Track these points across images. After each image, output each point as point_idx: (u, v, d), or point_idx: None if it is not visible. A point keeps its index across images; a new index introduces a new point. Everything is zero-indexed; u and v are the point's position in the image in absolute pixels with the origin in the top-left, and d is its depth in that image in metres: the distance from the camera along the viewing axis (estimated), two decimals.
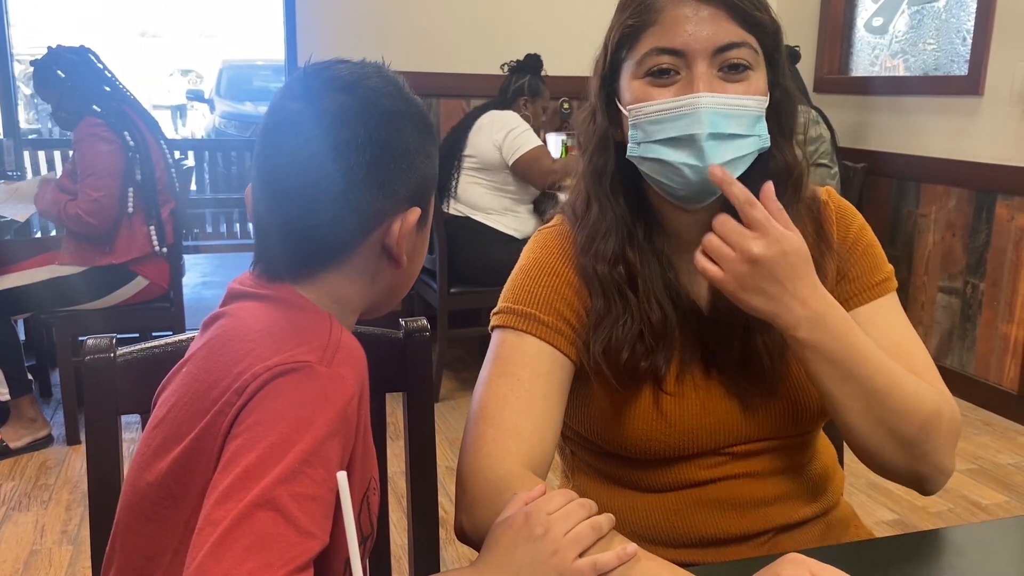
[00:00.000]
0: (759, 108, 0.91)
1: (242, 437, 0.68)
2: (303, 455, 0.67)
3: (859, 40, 4.03)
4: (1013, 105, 3.18)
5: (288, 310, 0.78)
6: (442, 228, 3.19)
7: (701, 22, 0.89)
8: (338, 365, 0.73)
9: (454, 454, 2.88)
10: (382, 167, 0.78)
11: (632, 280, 0.97)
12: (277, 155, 0.79)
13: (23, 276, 2.82)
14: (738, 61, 0.90)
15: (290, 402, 0.69)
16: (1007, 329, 3.26)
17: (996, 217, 3.28)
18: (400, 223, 0.80)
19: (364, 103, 0.79)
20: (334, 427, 0.70)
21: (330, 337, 0.75)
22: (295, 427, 0.68)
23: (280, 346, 0.73)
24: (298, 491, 0.66)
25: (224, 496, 0.65)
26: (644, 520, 1.03)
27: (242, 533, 0.63)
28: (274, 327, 0.76)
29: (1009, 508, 2.59)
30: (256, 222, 0.83)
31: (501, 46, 3.86)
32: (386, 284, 0.85)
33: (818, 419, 1.02)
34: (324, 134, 0.77)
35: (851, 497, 2.43)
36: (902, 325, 1.01)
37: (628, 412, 0.99)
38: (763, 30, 0.91)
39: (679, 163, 0.90)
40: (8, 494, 2.56)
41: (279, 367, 0.70)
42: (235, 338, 0.75)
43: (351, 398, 0.73)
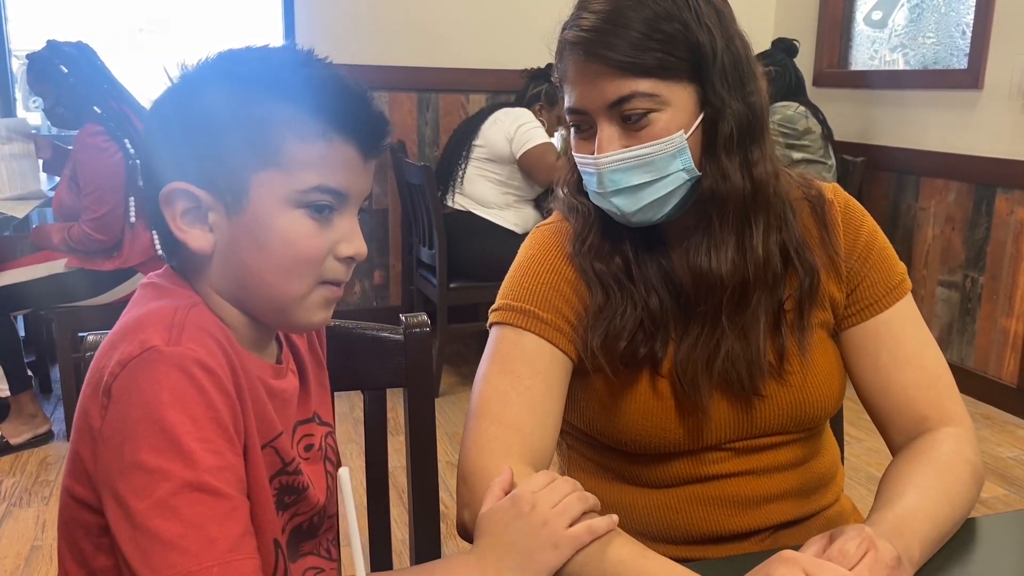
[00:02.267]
0: (669, 148, 0.90)
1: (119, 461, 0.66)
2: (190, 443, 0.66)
3: (858, 34, 4.02)
4: (1012, 99, 3.18)
5: (152, 296, 0.77)
6: (442, 223, 3.19)
7: (589, 81, 0.89)
8: (187, 342, 0.70)
9: (454, 449, 2.88)
10: (163, 139, 0.77)
11: (629, 270, 0.97)
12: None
13: (23, 272, 2.82)
14: (630, 113, 0.89)
15: (146, 397, 0.67)
16: (1006, 323, 3.26)
17: (996, 211, 3.28)
18: (163, 202, 0.76)
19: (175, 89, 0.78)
20: (203, 407, 0.68)
21: (174, 317, 0.72)
22: (162, 426, 0.66)
23: (129, 333, 0.71)
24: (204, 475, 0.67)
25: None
26: (643, 516, 1.03)
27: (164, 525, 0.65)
28: (132, 315, 0.75)
29: (1009, 502, 2.59)
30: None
31: (500, 41, 3.86)
32: (232, 279, 0.78)
33: (823, 416, 1.02)
34: (154, 108, 0.80)
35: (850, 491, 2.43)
36: (917, 332, 1.01)
37: (626, 404, 0.99)
38: (665, 67, 0.88)
39: (607, 210, 0.95)
40: (9, 490, 2.56)
41: (126, 357, 0.68)
42: (111, 335, 0.75)
43: (210, 368, 0.70)
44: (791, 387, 0.99)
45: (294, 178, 0.75)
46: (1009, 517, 0.99)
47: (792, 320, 0.98)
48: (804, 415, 1.00)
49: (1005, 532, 0.94)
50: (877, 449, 2.90)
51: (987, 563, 0.88)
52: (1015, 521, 0.99)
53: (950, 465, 0.92)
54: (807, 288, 0.97)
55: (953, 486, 0.90)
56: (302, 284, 0.77)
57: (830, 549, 0.73)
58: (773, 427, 1.00)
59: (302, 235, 0.76)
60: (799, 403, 0.99)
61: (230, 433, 0.70)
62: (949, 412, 0.98)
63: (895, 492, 0.89)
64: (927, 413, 0.98)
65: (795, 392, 0.99)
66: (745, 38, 0.94)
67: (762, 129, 0.94)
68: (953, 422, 0.97)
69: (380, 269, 4.03)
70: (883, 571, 0.72)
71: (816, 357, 1.00)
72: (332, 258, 0.77)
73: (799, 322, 0.98)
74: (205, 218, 0.76)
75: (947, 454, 0.93)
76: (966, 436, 0.97)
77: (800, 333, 0.98)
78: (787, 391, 0.99)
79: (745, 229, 0.94)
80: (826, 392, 1.00)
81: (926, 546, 0.83)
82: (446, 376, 3.54)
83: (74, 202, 2.81)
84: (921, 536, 0.83)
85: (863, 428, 3.02)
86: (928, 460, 0.93)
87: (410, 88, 3.88)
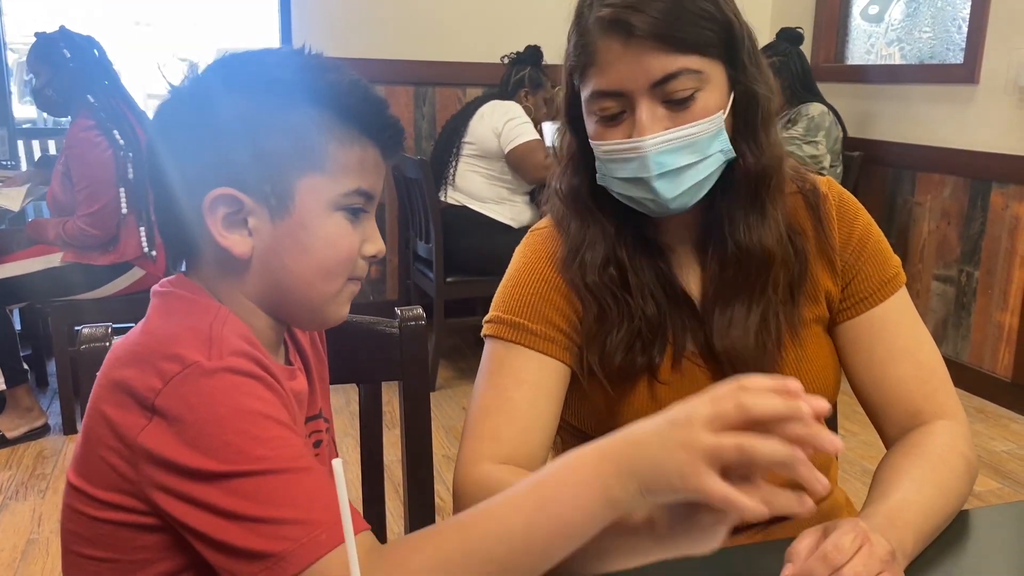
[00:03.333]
0: (712, 128, 0.90)
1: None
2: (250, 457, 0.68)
3: (855, 28, 4.02)
4: (1008, 93, 3.18)
5: (178, 309, 0.77)
6: (438, 217, 3.19)
7: (632, 60, 0.86)
8: (228, 356, 0.71)
9: (450, 443, 2.89)
10: (193, 144, 0.77)
11: (624, 278, 0.97)
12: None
13: (19, 266, 2.81)
14: (677, 92, 0.87)
15: (199, 412, 0.68)
16: (1001, 317, 3.27)
17: (991, 205, 3.29)
18: (206, 203, 0.76)
19: (180, 96, 0.79)
20: (256, 411, 0.70)
21: (211, 332, 0.73)
22: (225, 438, 0.68)
23: (164, 349, 0.71)
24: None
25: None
26: None
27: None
28: (162, 330, 0.74)
29: (1002, 495, 2.60)
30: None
31: (497, 34, 3.85)
32: (267, 283, 0.79)
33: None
34: (162, 114, 0.80)
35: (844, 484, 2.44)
36: (912, 326, 1.02)
37: (623, 409, 0.99)
38: (706, 43, 0.87)
39: (639, 198, 0.92)
40: (5, 483, 2.56)
41: (169, 374, 0.69)
42: (128, 352, 0.73)
43: (257, 375, 0.72)
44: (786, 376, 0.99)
45: (337, 182, 0.77)
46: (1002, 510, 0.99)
47: (783, 306, 0.98)
48: None
49: (998, 525, 0.95)
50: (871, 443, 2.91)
51: (980, 556, 0.88)
52: (1008, 514, 1.00)
53: (944, 458, 0.92)
54: (797, 275, 0.98)
55: (946, 479, 0.90)
56: (338, 283, 0.80)
57: (824, 543, 0.73)
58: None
59: (342, 236, 0.79)
60: None
61: (289, 423, 0.72)
62: (943, 406, 0.98)
63: (889, 485, 0.89)
64: (921, 407, 0.98)
65: None
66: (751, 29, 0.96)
67: (776, 113, 0.96)
68: (947, 416, 0.98)
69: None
70: (877, 565, 0.72)
71: (811, 351, 1.00)
72: (359, 257, 0.81)
73: (791, 311, 0.98)
74: (245, 223, 0.76)
75: (941, 447, 0.94)
76: (960, 430, 0.97)
77: (793, 325, 0.99)
78: None
79: (779, 207, 0.96)
80: (820, 386, 1.00)
81: (919, 539, 0.83)
82: (443, 370, 3.54)
83: (67, 197, 2.80)
84: (915, 529, 0.83)
85: (857, 422, 3.03)
86: (922, 453, 0.93)
87: (406, 82, 3.88)
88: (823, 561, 0.71)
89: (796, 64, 3.43)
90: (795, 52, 3.45)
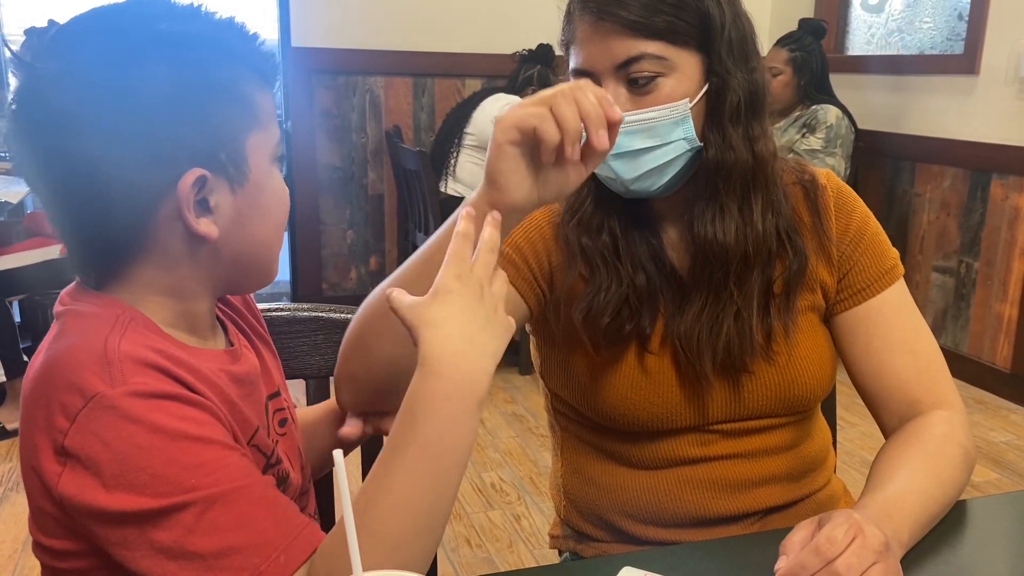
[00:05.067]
0: (673, 115, 0.90)
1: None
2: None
3: (855, 19, 4.01)
4: (1009, 84, 3.17)
5: (73, 329, 0.69)
6: (438, 208, 3.19)
7: (599, 40, 0.89)
8: (131, 376, 0.64)
9: None
10: (132, 131, 0.66)
11: (616, 246, 0.98)
12: (27, 140, 0.68)
13: (18, 258, 2.81)
14: (637, 75, 0.89)
15: (116, 447, 0.63)
16: (1000, 308, 3.27)
17: (991, 196, 3.28)
18: (178, 192, 0.68)
19: (88, 56, 0.66)
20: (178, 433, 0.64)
21: (105, 352, 0.65)
22: (151, 472, 0.63)
23: (60, 379, 0.64)
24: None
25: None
26: (634, 499, 1.04)
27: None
28: (54, 353, 0.67)
29: (1001, 485, 2.61)
30: (52, 226, 0.73)
31: (496, 25, 3.84)
32: (223, 260, 0.73)
33: (811, 399, 1.02)
34: (59, 104, 0.66)
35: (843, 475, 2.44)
36: (909, 317, 1.02)
37: (612, 376, 0.99)
38: (674, 31, 0.88)
39: (603, 176, 0.94)
40: (5, 475, 2.56)
41: (72, 410, 0.63)
42: (39, 385, 0.67)
43: (168, 394, 0.66)
44: (778, 367, 0.99)
45: (270, 133, 0.73)
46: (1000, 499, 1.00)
47: (780, 302, 0.99)
48: (792, 396, 1.00)
49: (997, 515, 0.95)
50: (870, 433, 2.92)
51: (979, 545, 0.88)
52: (1007, 503, 1.00)
53: (941, 448, 0.93)
54: (795, 271, 0.98)
55: (943, 469, 0.91)
56: (283, 237, 0.77)
57: (818, 535, 0.73)
58: (762, 408, 1.00)
59: (284, 188, 0.76)
60: (786, 383, 1.00)
61: (219, 436, 0.67)
62: (941, 396, 0.99)
63: (885, 475, 0.89)
64: (919, 397, 0.98)
65: (782, 372, 0.99)
66: (750, 18, 0.95)
67: (763, 107, 0.95)
68: (945, 406, 0.98)
69: (376, 255, 4.03)
70: (871, 557, 0.73)
71: (802, 339, 1.00)
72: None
73: (786, 304, 0.99)
74: (206, 203, 0.70)
75: (938, 437, 0.94)
76: (958, 420, 0.97)
77: (786, 315, 0.99)
78: (774, 371, 0.99)
79: (745, 203, 0.95)
80: (814, 374, 1.01)
81: (916, 528, 0.84)
82: None
83: None
84: (911, 519, 0.83)
85: (856, 412, 3.03)
86: (919, 443, 0.93)
87: (405, 73, 3.86)
88: (816, 553, 0.72)
89: (817, 62, 3.33)
90: (817, 48, 3.36)
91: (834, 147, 3.25)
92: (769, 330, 0.98)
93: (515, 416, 3.05)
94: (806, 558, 0.72)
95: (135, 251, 0.71)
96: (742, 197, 0.95)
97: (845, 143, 3.29)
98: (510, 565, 2.14)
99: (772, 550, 0.76)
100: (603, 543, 1.08)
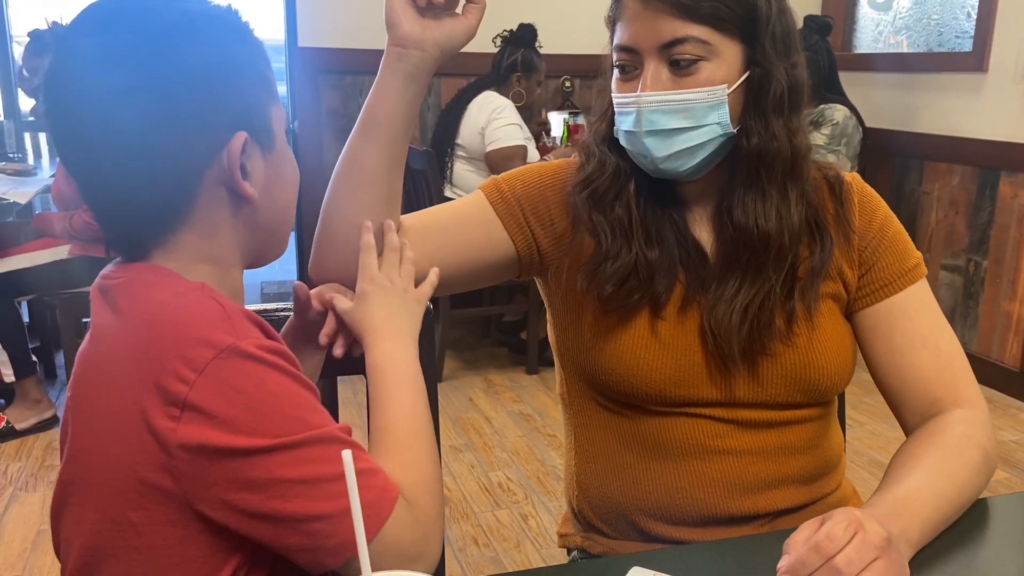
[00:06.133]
0: (710, 99, 0.92)
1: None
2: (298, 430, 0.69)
3: (863, 16, 4.00)
4: (1017, 82, 3.16)
5: (154, 293, 0.72)
6: None
7: (647, 19, 0.92)
8: (247, 332, 0.70)
9: (456, 433, 2.90)
10: (179, 99, 0.69)
11: (629, 220, 1.00)
12: (67, 117, 0.71)
13: (26, 258, 2.83)
14: (680, 57, 0.91)
15: (251, 393, 0.67)
16: (1009, 307, 3.26)
17: (999, 195, 3.27)
18: (226, 156, 0.72)
19: (127, 33, 0.69)
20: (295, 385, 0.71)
21: (223, 309, 0.70)
22: (285, 415, 0.68)
23: (181, 334, 0.67)
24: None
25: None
26: (648, 493, 1.03)
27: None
28: (155, 320, 0.69)
29: (1011, 484, 2.60)
30: (87, 203, 0.76)
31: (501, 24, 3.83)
32: (256, 226, 0.78)
33: (829, 385, 1.01)
34: (101, 79, 0.68)
35: (852, 474, 2.44)
36: (931, 315, 1.02)
37: (623, 335, 1.00)
38: (720, 18, 0.91)
39: (635, 153, 0.97)
40: (15, 475, 2.58)
41: (201, 362, 0.66)
42: (106, 359, 0.70)
43: (283, 352, 0.72)
44: (797, 349, 0.99)
45: (281, 108, 0.79)
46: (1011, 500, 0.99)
47: (804, 284, 0.99)
48: (810, 379, 0.99)
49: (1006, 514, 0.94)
50: (879, 432, 2.91)
51: (988, 544, 0.88)
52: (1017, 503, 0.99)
53: (959, 448, 0.92)
54: (821, 257, 0.99)
55: (960, 469, 0.90)
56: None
57: (817, 533, 0.73)
58: (781, 391, 0.99)
59: (294, 159, 0.82)
60: (804, 365, 0.99)
61: (310, 383, 0.73)
62: (963, 394, 0.98)
63: (900, 474, 0.89)
64: (940, 394, 0.98)
65: (800, 354, 0.99)
66: (793, 16, 0.98)
67: (802, 101, 0.97)
68: (967, 404, 0.97)
69: None
70: (871, 552, 0.72)
71: (823, 323, 1.00)
72: None
73: (810, 287, 0.99)
74: (246, 167, 0.74)
75: (957, 437, 0.93)
76: (979, 419, 0.96)
77: (809, 298, 0.99)
78: (794, 352, 0.99)
79: (784, 192, 0.97)
80: (833, 361, 1.00)
81: (926, 528, 0.83)
82: (448, 361, 3.55)
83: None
84: (921, 518, 0.83)
85: (864, 412, 3.03)
86: (937, 443, 0.93)
87: None
88: (815, 550, 0.72)
89: (824, 60, 3.31)
90: (824, 46, 3.33)
91: (837, 145, 3.24)
92: (792, 312, 0.98)
93: (522, 415, 3.05)
94: (806, 555, 0.72)
95: (181, 218, 0.74)
96: (781, 186, 0.97)
97: (851, 142, 3.28)
98: (517, 565, 2.14)
99: (781, 551, 0.76)
100: (612, 539, 1.08)
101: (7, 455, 2.71)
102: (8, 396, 2.90)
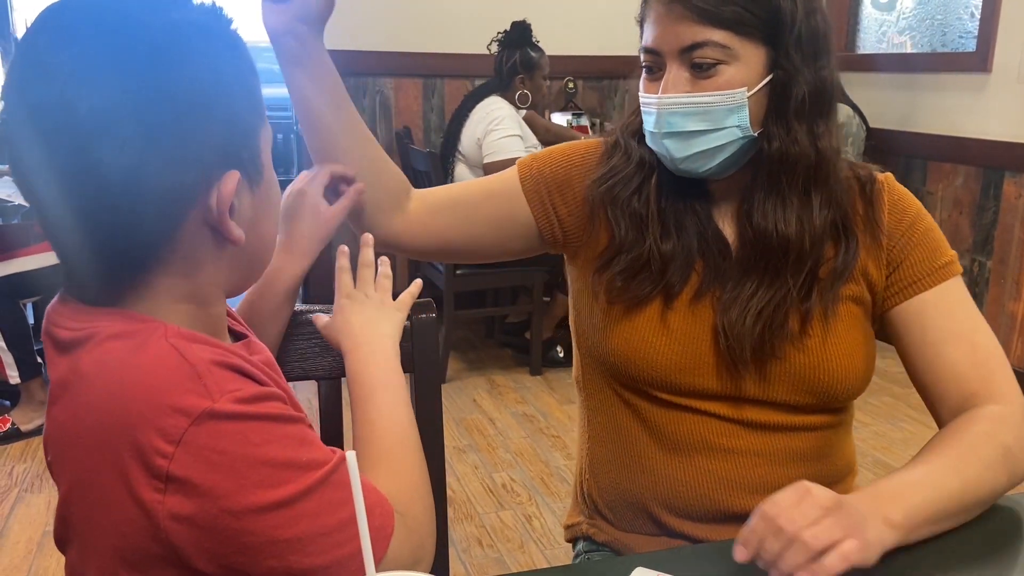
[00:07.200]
0: (729, 102, 0.93)
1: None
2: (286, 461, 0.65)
3: (866, 17, 4.00)
4: (1021, 82, 3.16)
5: (118, 348, 0.64)
6: None
7: (669, 23, 0.93)
8: (221, 384, 0.63)
9: (461, 434, 2.90)
10: (165, 132, 0.61)
11: (646, 214, 1.01)
12: (28, 149, 0.61)
13: (32, 260, 2.83)
14: (701, 61, 0.92)
15: (236, 456, 0.62)
16: (1014, 307, 3.25)
17: (1003, 195, 3.27)
18: (216, 196, 0.65)
19: (104, 48, 0.60)
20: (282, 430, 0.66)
21: (192, 366, 0.63)
22: (272, 465, 0.64)
23: (152, 400, 0.61)
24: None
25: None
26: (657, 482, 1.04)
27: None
28: (122, 385, 0.62)
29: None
30: (51, 242, 0.67)
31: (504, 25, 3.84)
32: (240, 262, 0.72)
33: (840, 391, 1.00)
34: (74, 104, 0.59)
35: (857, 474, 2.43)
36: (967, 311, 1.01)
37: (633, 320, 1.01)
38: (741, 22, 0.91)
39: (657, 152, 0.99)
40: (20, 476, 2.58)
41: (176, 433, 0.60)
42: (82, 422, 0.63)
43: (262, 396, 0.66)
44: (808, 350, 0.98)
45: (268, 127, 0.72)
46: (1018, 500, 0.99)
47: (823, 286, 0.99)
48: (818, 382, 0.99)
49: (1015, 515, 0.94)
50: (883, 433, 2.91)
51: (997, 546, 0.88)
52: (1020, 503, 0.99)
53: (974, 445, 0.90)
54: (844, 260, 0.99)
55: (971, 465, 0.88)
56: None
57: (763, 502, 0.76)
58: (790, 390, 0.99)
59: (276, 179, 0.76)
60: (813, 367, 0.98)
61: (299, 416, 0.70)
62: (999, 390, 0.96)
63: (906, 467, 0.89)
64: (976, 390, 0.96)
65: (811, 356, 0.98)
66: (827, 17, 0.97)
67: (830, 104, 0.97)
68: (1001, 400, 0.95)
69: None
70: (815, 512, 0.74)
71: (838, 326, 0.99)
72: None
73: (829, 289, 0.99)
74: (234, 206, 0.67)
75: (975, 434, 0.91)
76: (1012, 417, 0.94)
77: (827, 300, 0.99)
78: (803, 353, 0.98)
79: (806, 198, 0.97)
80: (845, 364, 0.99)
81: (916, 514, 0.81)
82: (452, 362, 3.55)
83: None
84: (911, 503, 0.82)
85: (869, 412, 3.03)
86: (954, 439, 0.91)
87: (415, 74, 3.87)
88: (761, 517, 0.75)
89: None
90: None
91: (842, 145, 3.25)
92: (807, 313, 0.98)
93: (526, 416, 3.05)
94: (754, 523, 0.75)
95: (158, 259, 0.66)
96: (803, 191, 0.96)
97: (856, 141, 3.29)
98: (521, 565, 2.14)
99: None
100: (617, 529, 1.09)
101: (12, 457, 2.71)
102: (13, 398, 2.91)
